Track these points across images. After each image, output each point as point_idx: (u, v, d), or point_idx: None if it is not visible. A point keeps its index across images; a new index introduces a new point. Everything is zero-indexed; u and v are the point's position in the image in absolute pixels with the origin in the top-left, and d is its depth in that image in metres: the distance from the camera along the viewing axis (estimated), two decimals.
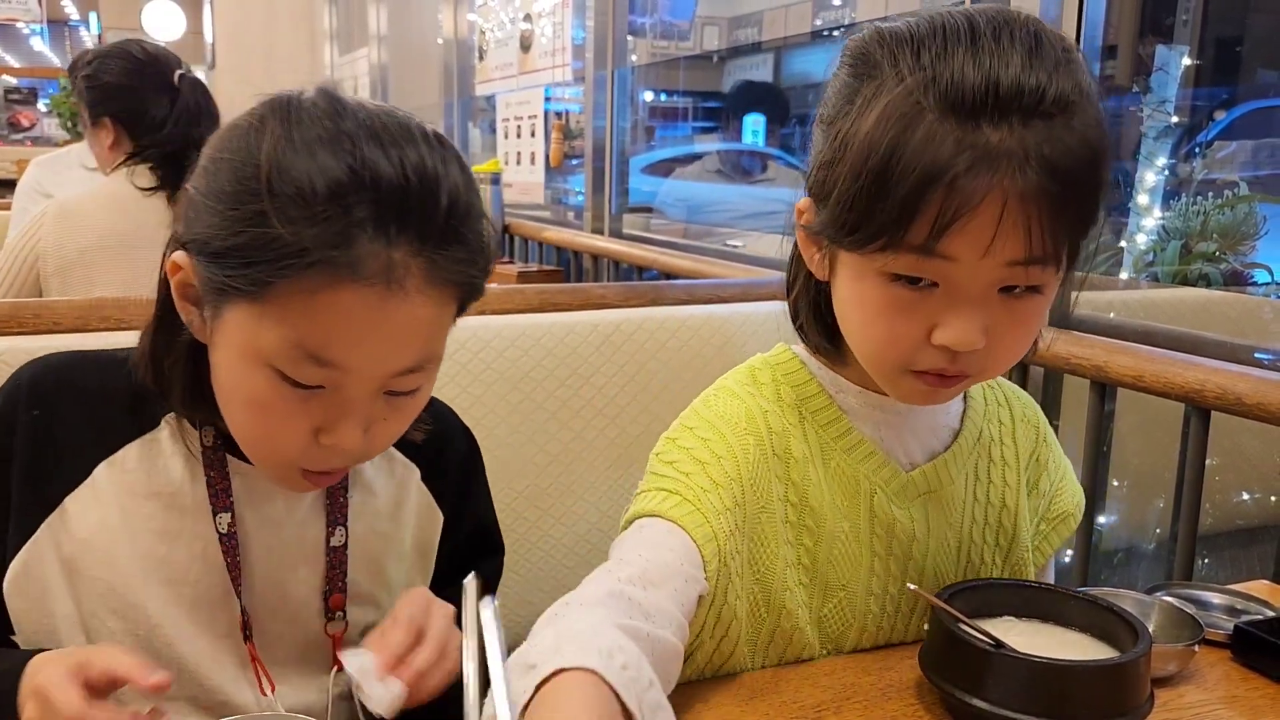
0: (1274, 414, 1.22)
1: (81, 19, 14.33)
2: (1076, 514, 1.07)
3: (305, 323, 0.74)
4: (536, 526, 1.62)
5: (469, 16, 4.45)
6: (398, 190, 0.73)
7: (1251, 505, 1.79)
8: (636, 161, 3.71)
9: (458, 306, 0.82)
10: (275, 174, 0.73)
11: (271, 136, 0.75)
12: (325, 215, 0.72)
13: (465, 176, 0.79)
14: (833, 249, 0.86)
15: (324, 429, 0.79)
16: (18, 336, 1.32)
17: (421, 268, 0.75)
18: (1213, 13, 2.30)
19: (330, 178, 0.72)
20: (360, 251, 0.72)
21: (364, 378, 0.78)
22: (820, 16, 3.89)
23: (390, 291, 0.74)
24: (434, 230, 0.75)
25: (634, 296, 1.77)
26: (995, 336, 0.81)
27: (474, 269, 0.80)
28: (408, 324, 0.76)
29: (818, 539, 0.92)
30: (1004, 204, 0.74)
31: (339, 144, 0.74)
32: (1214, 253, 1.84)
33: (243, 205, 0.74)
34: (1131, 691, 0.78)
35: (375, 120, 0.76)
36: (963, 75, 0.75)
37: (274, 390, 0.77)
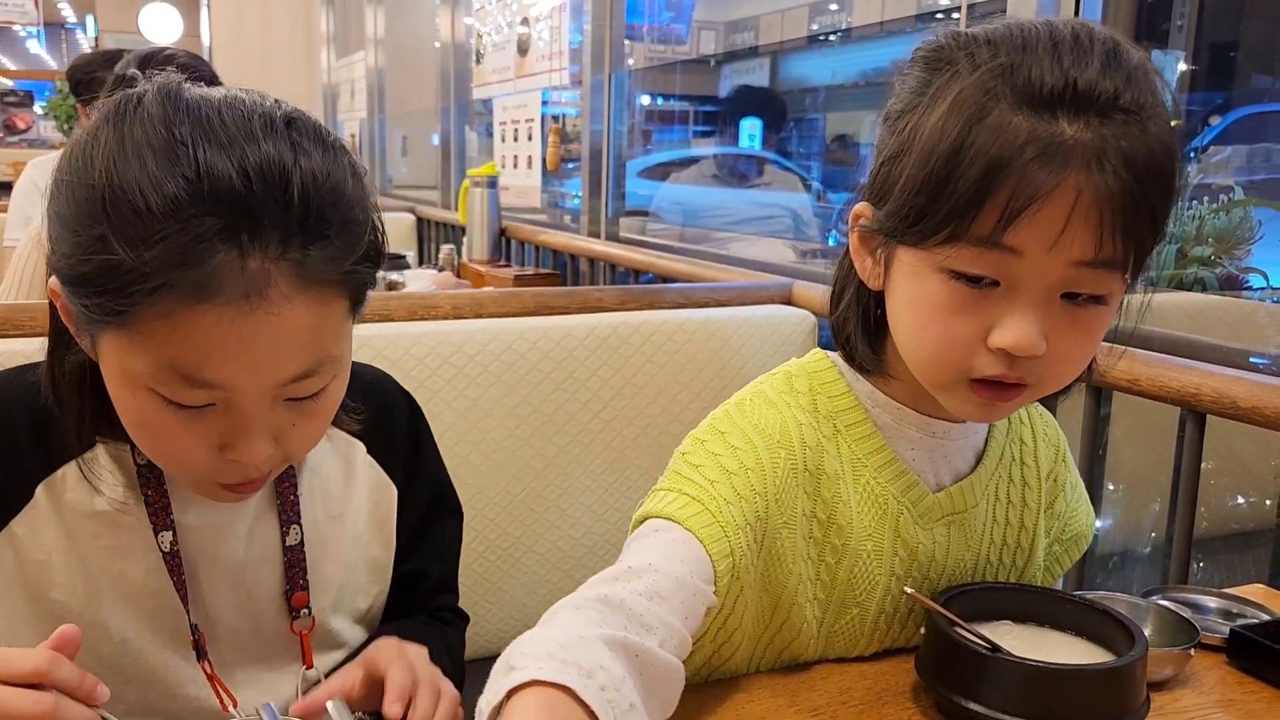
0: (1269, 418, 1.22)
1: (78, 22, 14.31)
2: (1088, 534, 1.06)
3: (170, 347, 0.70)
4: (532, 530, 1.62)
5: (466, 20, 4.45)
6: (240, 196, 0.68)
7: (1247, 509, 1.79)
8: (633, 165, 3.72)
9: (349, 302, 0.77)
10: (109, 194, 0.68)
11: (105, 151, 0.70)
12: (165, 234, 0.67)
13: (329, 159, 0.73)
14: (890, 250, 0.84)
15: (226, 445, 0.75)
16: (14, 339, 1.31)
17: (286, 273, 0.70)
18: (1207, 18, 2.30)
19: (165, 193, 0.67)
20: (211, 268, 0.67)
21: (249, 393, 0.73)
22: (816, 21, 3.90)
23: (252, 305, 0.69)
24: (292, 231, 0.70)
25: (630, 300, 1.77)
26: (1055, 345, 0.78)
27: (351, 262, 0.74)
28: (281, 334, 0.71)
29: (840, 557, 0.90)
30: (1077, 197, 0.72)
31: (173, 152, 0.68)
32: (1209, 257, 1.84)
33: (85, 230, 0.69)
34: (1127, 695, 0.78)
35: (215, 117, 0.71)
36: (1040, 70, 0.74)
37: (162, 412, 0.74)
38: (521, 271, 3.29)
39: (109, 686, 0.85)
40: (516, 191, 3.77)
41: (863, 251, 0.87)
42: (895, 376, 0.91)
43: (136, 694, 0.87)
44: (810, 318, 1.82)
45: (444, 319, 1.60)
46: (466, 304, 1.64)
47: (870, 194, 0.85)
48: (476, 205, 3.62)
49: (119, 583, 0.86)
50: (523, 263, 3.59)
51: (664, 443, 1.68)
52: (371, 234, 0.77)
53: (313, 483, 0.93)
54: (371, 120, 6.16)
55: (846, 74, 4.89)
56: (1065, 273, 0.76)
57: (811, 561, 0.90)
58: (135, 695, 0.87)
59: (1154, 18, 2.10)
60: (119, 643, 0.86)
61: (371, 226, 0.77)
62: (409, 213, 4.67)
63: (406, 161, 6.24)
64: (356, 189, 0.75)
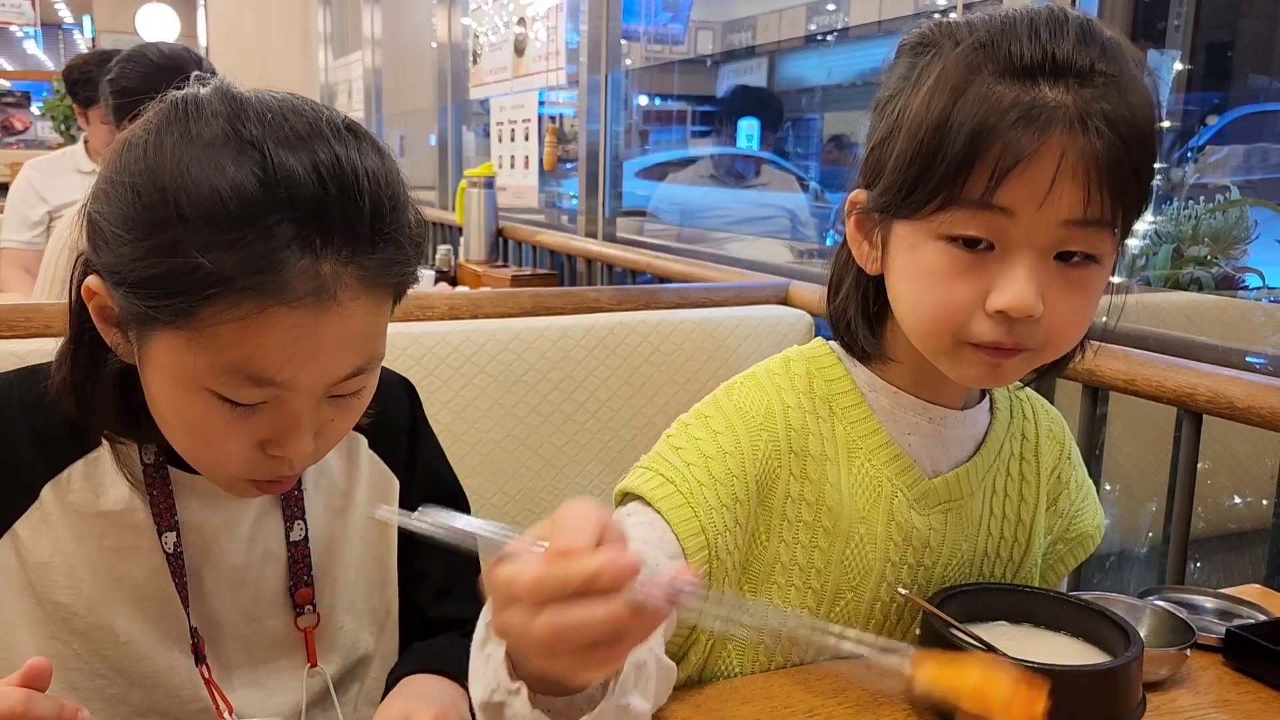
0: (1265, 418, 1.22)
1: (75, 22, 14.31)
2: (1096, 535, 1.06)
3: (238, 348, 0.71)
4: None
5: (463, 20, 4.45)
6: (316, 199, 0.70)
7: (1243, 509, 1.80)
8: (630, 165, 3.71)
9: (394, 303, 0.80)
10: (183, 198, 0.68)
11: (173, 154, 0.70)
12: (247, 240, 0.68)
13: (385, 163, 0.76)
14: (886, 229, 0.86)
15: (272, 441, 0.77)
16: (10, 340, 1.31)
17: (353, 276, 0.72)
18: (1204, 18, 2.30)
19: (244, 196, 0.68)
20: (288, 273, 0.69)
21: (306, 392, 0.75)
22: (814, 21, 3.90)
23: (323, 307, 0.71)
24: (362, 236, 0.72)
25: (627, 300, 1.77)
26: (1051, 306, 0.79)
27: (407, 266, 0.78)
28: (345, 334, 0.74)
29: (832, 540, 0.91)
30: (1061, 155, 0.75)
31: (244, 153, 0.69)
32: (1205, 257, 1.84)
33: (155, 235, 0.69)
34: (1123, 696, 0.78)
35: (280, 119, 0.72)
36: (1020, 44, 0.77)
37: (214, 411, 0.74)
38: (518, 272, 3.29)
39: (115, 689, 0.86)
40: (513, 192, 3.77)
41: (859, 237, 0.89)
42: (895, 360, 0.92)
43: (141, 696, 0.87)
44: (807, 318, 1.82)
45: (440, 319, 1.59)
46: (463, 304, 1.64)
47: (864, 178, 0.88)
48: (473, 205, 3.62)
49: (123, 584, 0.85)
50: (520, 263, 3.58)
51: None
52: (417, 236, 0.79)
53: (317, 479, 0.93)
54: (368, 120, 6.15)
55: (844, 74, 4.89)
56: (1057, 232, 0.78)
57: (803, 547, 0.91)
58: (140, 698, 0.87)
59: (1150, 17, 2.11)
60: (124, 644, 0.86)
61: (417, 227, 0.79)
62: None
63: (403, 162, 6.14)
64: (404, 194, 0.78)
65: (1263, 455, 1.68)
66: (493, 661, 0.65)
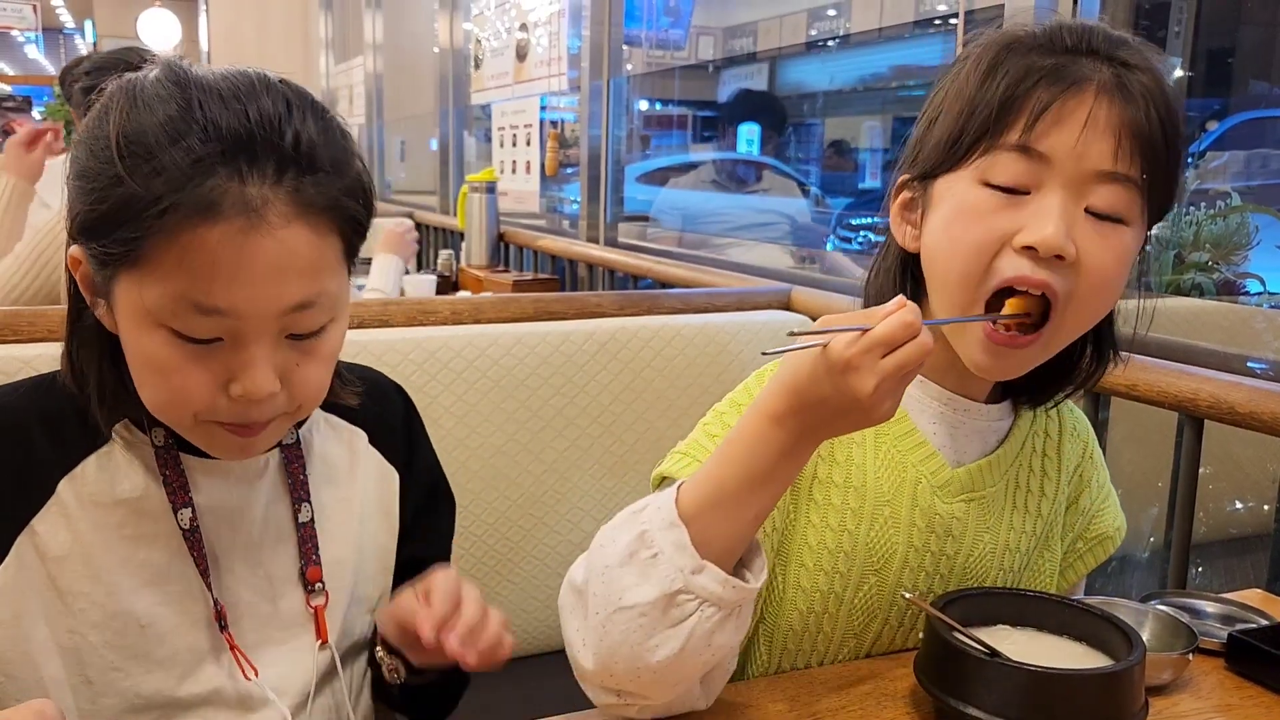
0: (1267, 423, 1.22)
1: (76, 27, 14.34)
2: (1116, 538, 1.07)
3: (180, 273, 0.75)
4: (531, 535, 1.62)
5: (465, 26, 4.46)
6: (242, 129, 0.75)
7: (1245, 514, 1.80)
8: (631, 170, 3.72)
9: (342, 241, 0.82)
10: (123, 140, 0.75)
11: (118, 111, 0.77)
12: (174, 162, 0.73)
13: (321, 122, 0.80)
14: (927, 196, 0.91)
15: (233, 379, 0.79)
16: (13, 345, 1.32)
17: (283, 198, 0.76)
18: (1204, 25, 2.31)
19: (170, 123, 0.74)
20: (211, 188, 0.73)
21: (255, 320, 0.78)
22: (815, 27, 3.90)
23: (252, 224, 0.74)
24: (288, 159, 0.76)
25: (629, 305, 1.77)
26: (1084, 253, 0.84)
27: (343, 194, 0.80)
28: (281, 256, 0.76)
29: (859, 520, 0.93)
30: (1093, 105, 0.82)
31: (182, 104, 0.75)
32: (1207, 263, 1.84)
33: (100, 175, 0.75)
34: (1126, 700, 0.78)
35: (221, 81, 0.78)
36: (1060, 33, 0.86)
37: (173, 349, 0.78)
38: (520, 277, 3.30)
39: (133, 677, 0.88)
40: (515, 197, 3.78)
41: (901, 220, 0.94)
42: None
43: (155, 684, 0.88)
44: (809, 323, 1.82)
45: (443, 324, 1.60)
46: (465, 309, 1.65)
47: (908, 162, 0.94)
48: (475, 210, 3.62)
49: (144, 569, 0.87)
50: (521, 268, 3.59)
51: (663, 447, 1.67)
52: (359, 176, 0.82)
53: (320, 467, 0.96)
54: (370, 125, 6.16)
55: (845, 79, 4.90)
56: (1088, 180, 0.83)
57: (831, 530, 0.93)
58: (155, 686, 0.88)
59: (1151, 25, 2.11)
60: (144, 628, 0.87)
61: (359, 170, 0.83)
62: (407, 218, 4.67)
63: (405, 167, 6.24)
64: (345, 142, 0.82)
65: (1264, 460, 1.69)
66: (665, 556, 0.76)
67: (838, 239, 3.97)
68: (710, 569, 0.76)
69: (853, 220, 4.16)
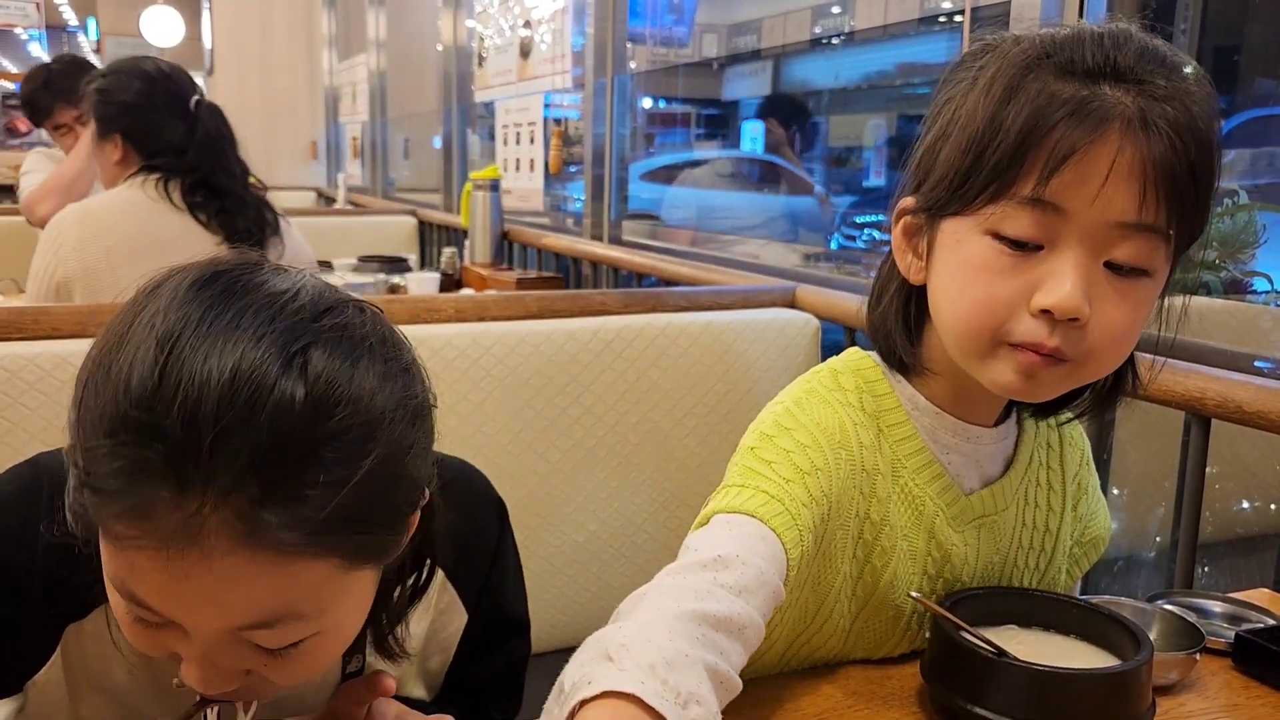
0: (1274, 422, 1.22)
1: (79, 25, 14.33)
2: (1105, 538, 1.07)
3: (115, 562, 0.64)
4: (536, 534, 1.61)
5: (468, 23, 4.45)
6: (196, 421, 0.58)
7: (1252, 513, 1.79)
8: (636, 168, 3.71)
9: (341, 559, 0.64)
10: (85, 389, 0.63)
11: (106, 334, 0.64)
12: (112, 453, 0.60)
13: (342, 375, 0.62)
14: (933, 231, 0.84)
15: (183, 661, 0.68)
16: (17, 342, 1.32)
17: (225, 525, 0.59)
18: (1211, 22, 2.30)
19: (120, 410, 0.59)
20: (145, 499, 0.59)
21: (195, 629, 0.65)
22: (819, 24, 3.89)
23: (182, 549, 0.59)
24: (242, 479, 0.59)
25: (634, 303, 1.77)
26: (1099, 313, 0.77)
27: (322, 530, 0.61)
28: (218, 584, 0.61)
29: (887, 559, 0.91)
30: (1117, 152, 0.74)
31: (151, 383, 0.59)
32: (1213, 261, 1.83)
33: (75, 418, 0.64)
34: (1133, 700, 0.78)
35: (224, 308, 0.62)
36: (1082, 51, 0.76)
37: (128, 614, 0.67)
38: (524, 275, 3.29)
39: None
40: (519, 194, 3.78)
41: (905, 247, 0.88)
42: (933, 373, 0.91)
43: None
44: (814, 321, 1.82)
45: (446, 322, 1.60)
46: (469, 307, 1.64)
47: (913, 183, 0.87)
48: (479, 208, 3.62)
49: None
50: (525, 266, 3.58)
51: (668, 446, 1.67)
52: (380, 484, 0.63)
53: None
54: (373, 123, 6.16)
55: (849, 77, 4.89)
56: (1109, 234, 0.76)
57: (857, 562, 0.91)
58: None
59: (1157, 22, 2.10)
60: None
61: (384, 475, 0.63)
62: (411, 215, 4.67)
63: (408, 164, 6.24)
64: (366, 419, 0.62)
65: (1271, 460, 1.68)
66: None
67: (843, 236, 3.96)
68: None
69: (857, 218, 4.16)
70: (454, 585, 0.89)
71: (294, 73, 7.31)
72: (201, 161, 2.08)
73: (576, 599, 1.64)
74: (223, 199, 2.08)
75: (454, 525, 0.82)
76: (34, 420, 1.29)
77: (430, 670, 0.94)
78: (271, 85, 7.21)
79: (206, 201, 2.06)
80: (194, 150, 2.09)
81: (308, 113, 7.41)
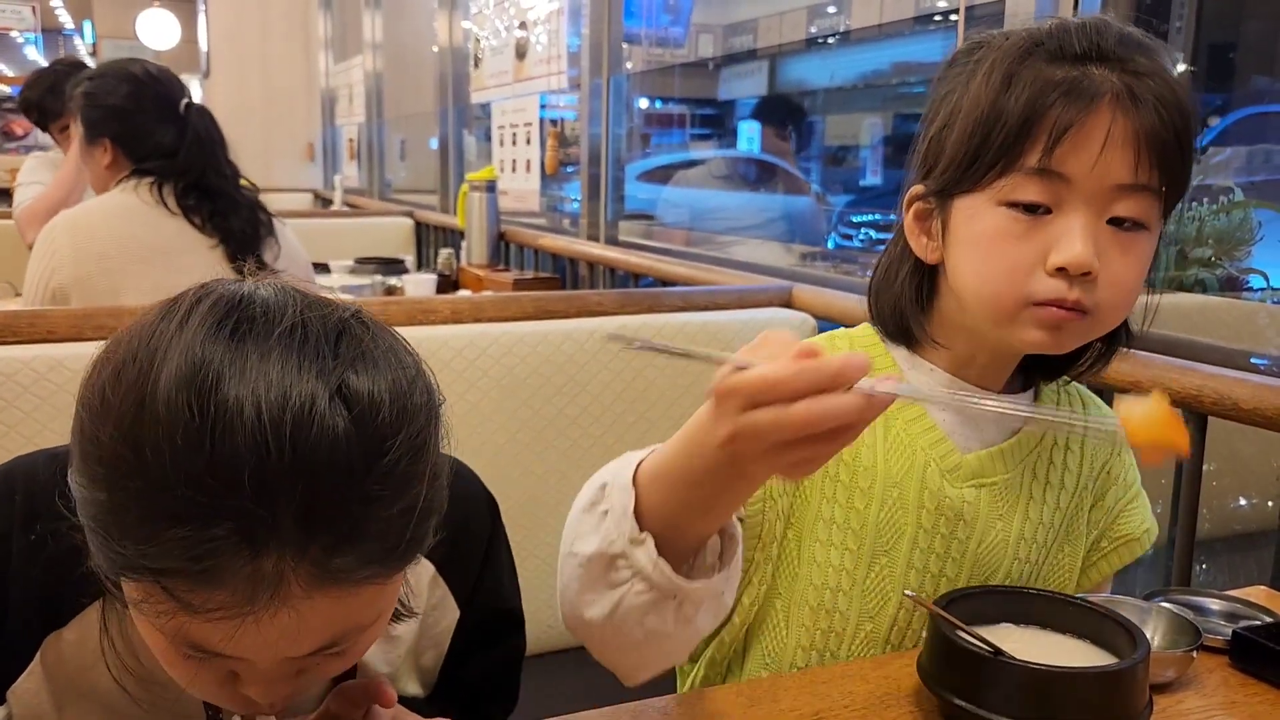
0: (1270, 419, 1.22)
1: (76, 28, 14.33)
2: (1144, 541, 1.07)
3: (176, 618, 0.62)
4: (532, 534, 1.61)
5: (464, 24, 4.46)
6: (258, 485, 0.57)
7: (1249, 511, 1.79)
8: (632, 169, 3.71)
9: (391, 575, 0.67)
10: (118, 470, 0.59)
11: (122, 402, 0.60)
12: (172, 537, 0.58)
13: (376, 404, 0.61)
14: (945, 211, 0.92)
15: (240, 682, 0.68)
16: (13, 345, 1.32)
17: (304, 575, 0.60)
18: (1206, 20, 2.30)
19: (178, 493, 0.57)
20: (219, 567, 0.58)
21: (262, 662, 0.66)
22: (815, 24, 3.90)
23: (263, 604, 0.60)
24: (314, 533, 0.59)
25: (630, 304, 1.77)
26: (1107, 266, 0.86)
27: (389, 561, 0.64)
28: (297, 626, 0.62)
29: (868, 500, 0.96)
30: (1111, 123, 0.83)
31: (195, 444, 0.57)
32: (1209, 259, 1.84)
33: (90, 486, 0.61)
34: (1130, 698, 0.78)
35: (253, 406, 0.58)
36: (1069, 38, 0.86)
37: (174, 653, 0.66)
38: (521, 275, 3.29)
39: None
40: (515, 195, 3.78)
41: (917, 230, 0.95)
42: (939, 344, 0.97)
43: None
44: (810, 320, 1.82)
45: (443, 323, 1.60)
46: (466, 308, 1.64)
47: (921, 171, 0.94)
48: (475, 209, 3.62)
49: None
50: (522, 267, 3.58)
51: None
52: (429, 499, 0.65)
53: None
54: (370, 124, 6.16)
55: (845, 76, 4.89)
56: (1109, 196, 0.85)
57: (840, 506, 0.96)
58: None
59: (1153, 18, 2.10)
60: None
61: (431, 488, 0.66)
62: (407, 217, 4.67)
63: (405, 165, 6.25)
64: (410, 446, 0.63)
65: (1268, 457, 1.68)
66: (613, 515, 0.73)
67: (839, 235, 3.96)
68: (647, 545, 0.72)
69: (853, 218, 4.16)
70: (445, 581, 0.90)
71: (290, 75, 7.32)
72: (193, 164, 2.07)
73: None
74: (216, 201, 2.07)
75: (445, 522, 0.82)
76: (29, 423, 1.29)
77: (424, 666, 0.95)
78: (268, 87, 7.21)
79: (200, 204, 2.05)
80: (184, 153, 2.07)
81: (304, 114, 7.41)
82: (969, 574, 0.98)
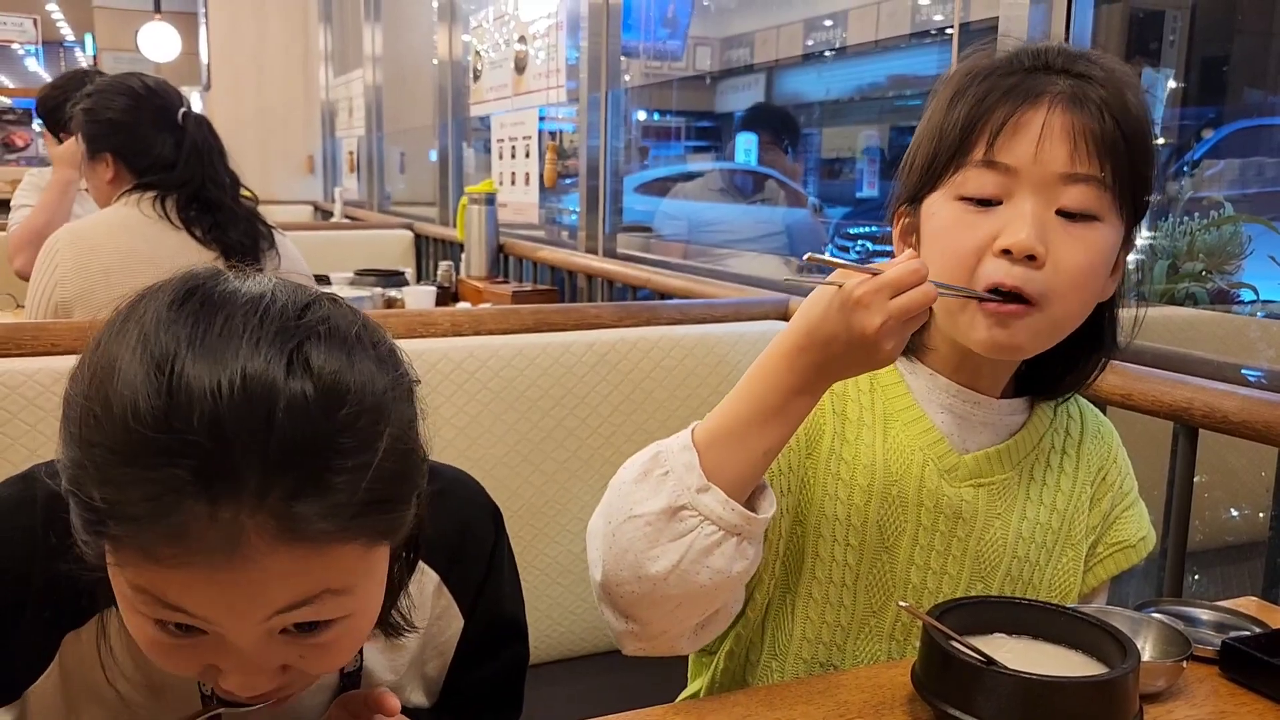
0: (1260, 431, 1.23)
1: (77, 40, 14.37)
2: (1140, 549, 1.09)
3: (145, 577, 0.63)
4: (531, 546, 1.62)
5: (463, 38, 4.48)
6: (216, 432, 0.59)
7: (1240, 522, 1.80)
8: (630, 181, 3.73)
9: (367, 539, 0.67)
10: (90, 418, 0.62)
11: (94, 361, 0.64)
12: (133, 480, 0.60)
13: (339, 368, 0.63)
14: (917, 217, 0.97)
15: (222, 671, 0.69)
16: (15, 358, 1.32)
17: (265, 526, 0.61)
18: (1198, 34, 2.32)
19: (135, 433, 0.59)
20: (180, 521, 0.60)
21: (233, 629, 0.66)
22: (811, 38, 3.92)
23: (226, 558, 0.61)
24: (271, 480, 0.60)
25: (628, 316, 1.78)
26: (1054, 253, 0.89)
27: (353, 514, 0.63)
28: (263, 579, 0.63)
29: (869, 498, 0.99)
30: (1049, 114, 0.89)
31: (157, 403, 0.60)
32: (1201, 272, 1.85)
33: (71, 447, 0.64)
34: (1121, 707, 0.79)
35: (213, 321, 0.62)
36: (1024, 53, 0.93)
37: (153, 631, 0.67)
38: (519, 288, 3.31)
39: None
40: (514, 208, 3.79)
41: (902, 244, 1.01)
42: (932, 349, 1.01)
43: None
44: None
45: (442, 336, 1.61)
46: (465, 321, 1.65)
47: (901, 191, 1.00)
48: (474, 222, 3.64)
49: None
50: (520, 279, 3.60)
51: None
52: (387, 464, 0.65)
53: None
54: (369, 137, 6.18)
55: (841, 90, 4.92)
56: (1054, 184, 0.89)
57: (842, 503, 0.99)
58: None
59: (1145, 34, 2.12)
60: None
61: (396, 453, 0.66)
62: (407, 229, 4.69)
63: (404, 178, 6.26)
64: (373, 403, 0.65)
65: (1258, 468, 1.69)
66: (675, 473, 0.82)
67: (835, 248, 3.98)
68: (715, 490, 0.82)
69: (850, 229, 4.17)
70: (450, 590, 0.90)
71: (291, 87, 7.34)
72: (191, 174, 2.08)
73: (573, 610, 1.65)
74: (215, 213, 2.09)
75: (449, 532, 0.85)
76: (33, 436, 1.30)
77: (429, 676, 0.95)
78: (268, 100, 7.23)
79: (201, 217, 2.07)
80: (182, 163, 2.08)
81: (304, 127, 7.43)
82: (970, 571, 1.00)
